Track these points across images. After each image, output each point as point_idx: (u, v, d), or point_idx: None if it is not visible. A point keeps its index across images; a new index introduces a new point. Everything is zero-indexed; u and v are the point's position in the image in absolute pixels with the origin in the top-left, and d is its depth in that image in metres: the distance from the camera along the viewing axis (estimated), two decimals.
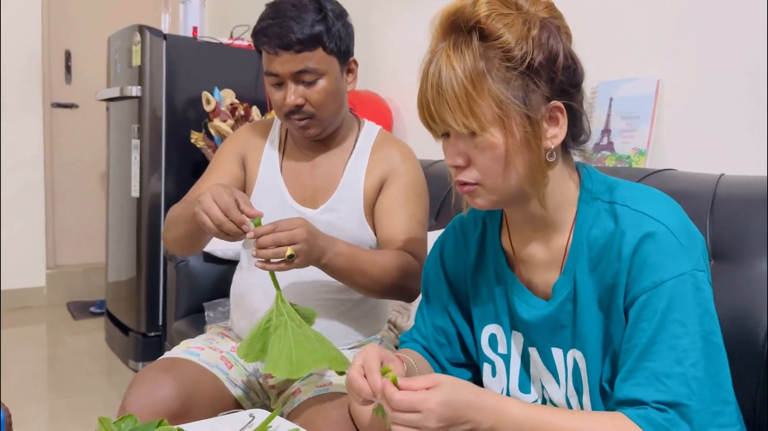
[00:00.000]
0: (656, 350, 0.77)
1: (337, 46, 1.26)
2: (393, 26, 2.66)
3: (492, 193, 0.84)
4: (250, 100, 2.68)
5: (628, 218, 0.82)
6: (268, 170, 1.38)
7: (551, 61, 0.80)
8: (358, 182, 1.34)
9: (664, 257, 0.78)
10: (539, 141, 0.81)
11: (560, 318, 0.88)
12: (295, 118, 1.28)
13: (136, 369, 2.74)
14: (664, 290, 0.77)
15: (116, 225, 2.99)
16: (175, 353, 1.27)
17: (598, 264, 0.84)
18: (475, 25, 0.80)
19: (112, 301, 3.07)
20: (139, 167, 2.70)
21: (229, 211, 1.06)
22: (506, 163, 0.81)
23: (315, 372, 1.28)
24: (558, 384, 0.91)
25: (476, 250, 1.00)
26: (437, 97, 0.81)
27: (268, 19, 1.24)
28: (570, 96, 0.83)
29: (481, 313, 1.00)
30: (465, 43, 0.80)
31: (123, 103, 2.83)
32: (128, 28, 2.77)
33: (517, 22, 0.80)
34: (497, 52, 0.79)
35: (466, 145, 0.83)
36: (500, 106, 0.79)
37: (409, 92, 2.61)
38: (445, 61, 0.80)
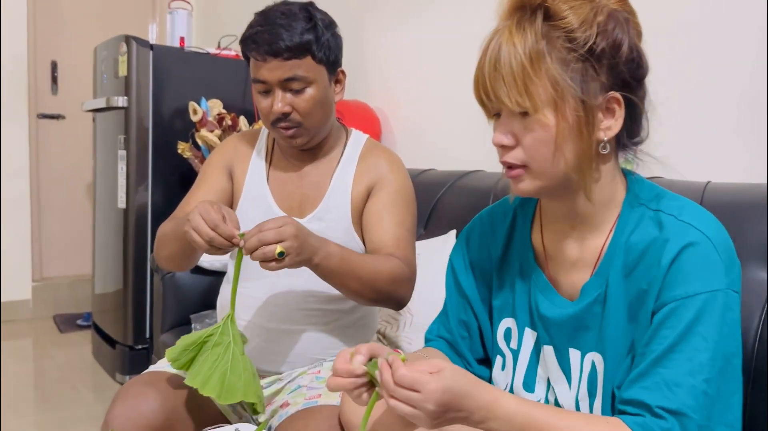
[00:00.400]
0: (673, 358, 0.77)
1: (325, 56, 1.26)
2: (382, 36, 2.66)
3: (538, 177, 0.83)
4: (238, 110, 2.68)
5: (673, 227, 0.81)
6: (255, 180, 1.37)
7: (614, 50, 0.79)
8: (346, 191, 1.33)
9: (702, 270, 0.78)
10: (592, 129, 0.80)
11: (586, 319, 0.87)
12: (282, 126, 1.27)
13: (123, 382, 2.71)
14: (694, 302, 0.77)
15: (103, 237, 2.96)
16: (159, 366, 1.26)
17: (633, 269, 0.83)
18: (541, 4, 0.79)
19: (99, 314, 3.03)
20: (125, 178, 2.68)
21: (217, 226, 1.05)
22: (555, 147, 0.80)
23: (304, 385, 1.27)
24: (569, 386, 0.90)
25: (503, 243, 1.00)
26: (493, 73, 0.80)
27: (258, 26, 1.24)
28: (630, 89, 0.81)
29: (501, 305, 0.99)
30: (528, 22, 0.79)
31: (109, 113, 2.81)
32: (114, 38, 2.76)
33: (585, 7, 0.79)
34: (560, 32, 0.78)
35: (515, 125, 0.82)
36: (556, 87, 0.78)
37: (397, 102, 2.62)
38: (507, 38, 0.80)
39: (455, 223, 1.88)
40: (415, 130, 2.54)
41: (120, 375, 2.74)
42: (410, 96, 2.56)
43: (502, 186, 1.83)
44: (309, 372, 1.31)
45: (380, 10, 2.66)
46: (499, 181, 1.85)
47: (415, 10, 2.49)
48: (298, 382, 1.29)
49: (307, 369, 1.32)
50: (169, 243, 1.26)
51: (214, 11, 3.80)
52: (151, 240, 2.70)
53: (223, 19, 3.61)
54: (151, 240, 2.70)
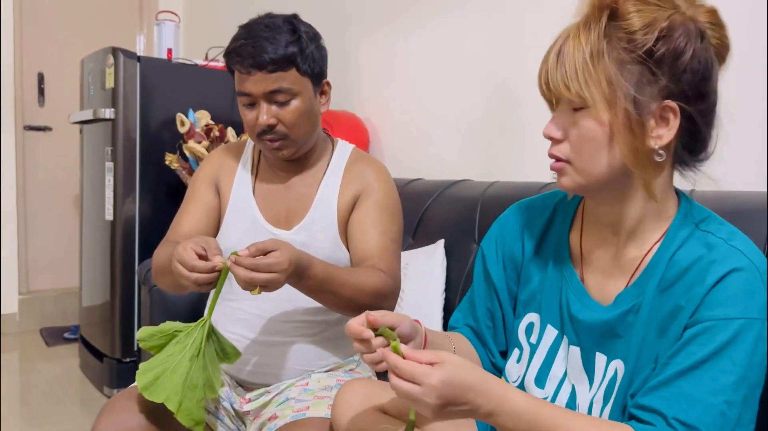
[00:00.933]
0: (698, 375, 0.77)
1: (310, 68, 1.27)
2: (370, 47, 2.67)
3: (580, 174, 0.84)
4: (226, 121, 2.67)
5: (722, 250, 0.81)
6: (241, 192, 1.37)
7: (675, 57, 0.79)
8: (332, 201, 1.33)
9: (745, 296, 0.78)
10: (643, 133, 0.80)
11: (617, 327, 0.87)
12: (267, 138, 1.27)
13: (111, 395, 2.68)
14: (731, 325, 0.77)
15: (90, 249, 2.94)
16: None
17: (672, 284, 0.83)
18: (610, 4, 0.81)
19: (87, 326, 3.01)
20: (112, 190, 2.67)
21: (195, 267, 1.07)
22: (600, 146, 0.81)
23: (292, 397, 1.26)
24: (590, 387, 0.90)
25: (539, 237, 1.00)
26: (556, 63, 0.82)
27: (241, 39, 1.24)
28: (690, 101, 0.81)
29: (526, 299, 1.00)
30: (595, 20, 0.81)
31: (96, 125, 2.80)
32: (101, 50, 2.75)
33: (653, 11, 0.80)
34: (621, 33, 0.79)
35: (567, 120, 0.84)
36: (610, 84, 0.79)
37: (385, 112, 2.63)
38: (573, 35, 0.82)
39: (443, 233, 1.89)
40: (403, 139, 2.55)
41: (108, 389, 2.71)
42: (398, 106, 2.56)
43: (490, 195, 1.83)
44: (297, 385, 1.30)
45: (368, 21, 2.67)
46: (486, 190, 1.86)
47: (403, 22, 2.50)
48: (286, 394, 1.28)
49: (295, 381, 1.32)
50: (166, 275, 1.24)
51: (201, 23, 3.80)
52: (139, 252, 2.69)
53: (210, 30, 3.61)
54: (139, 252, 2.69)
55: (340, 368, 1.36)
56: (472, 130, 2.24)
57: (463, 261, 1.79)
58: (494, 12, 2.14)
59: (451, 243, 1.85)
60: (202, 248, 1.08)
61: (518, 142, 2.08)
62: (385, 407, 1.01)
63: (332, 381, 1.30)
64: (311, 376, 1.32)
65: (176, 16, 3.05)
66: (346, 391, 1.05)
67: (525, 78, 2.06)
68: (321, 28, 1.32)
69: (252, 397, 1.32)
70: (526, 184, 1.78)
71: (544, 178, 1.95)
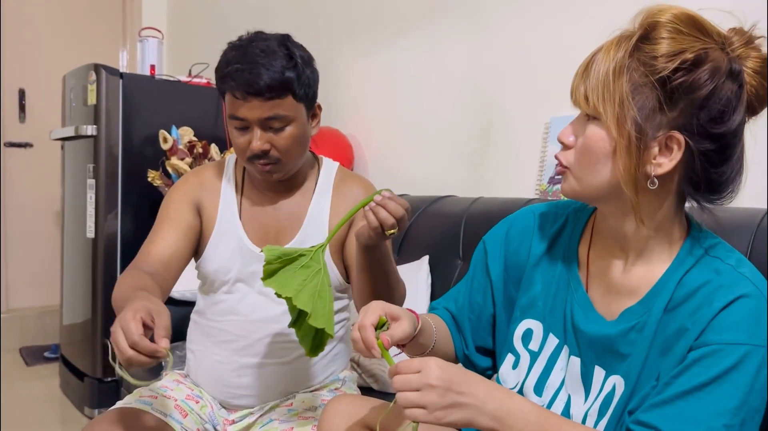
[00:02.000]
0: (700, 397, 0.77)
1: (305, 93, 1.25)
2: (354, 64, 2.68)
3: (576, 181, 0.86)
4: (209, 138, 2.66)
5: (731, 276, 0.82)
6: (226, 214, 1.34)
7: (689, 91, 0.78)
8: (323, 221, 1.33)
9: (752, 323, 0.78)
10: (641, 157, 0.80)
11: (619, 343, 0.88)
12: (260, 162, 1.25)
13: (91, 416, 2.64)
14: (737, 351, 0.78)
15: (71, 267, 2.90)
16: (126, 402, 1.22)
17: (678, 306, 0.84)
18: (649, 25, 0.81)
19: (67, 345, 2.96)
20: (94, 207, 2.64)
21: (136, 344, 0.92)
22: (599, 159, 0.83)
23: (276, 418, 1.25)
24: (585, 399, 0.91)
25: (547, 244, 1.00)
26: (583, 72, 0.84)
27: (236, 64, 1.20)
28: (696, 138, 0.79)
29: (526, 305, 1.00)
30: (627, 39, 0.82)
31: (78, 142, 2.77)
32: (83, 66, 2.73)
33: (687, 42, 0.79)
34: (645, 56, 0.80)
35: (580, 127, 0.85)
36: (621, 106, 0.80)
37: (370, 128, 2.63)
38: (605, 49, 0.83)
39: (428, 248, 1.88)
40: (388, 156, 2.55)
41: (89, 409, 2.66)
42: (382, 122, 2.57)
43: (474, 210, 1.83)
44: (281, 406, 1.29)
45: (353, 39, 2.68)
46: (470, 206, 1.86)
47: (387, 39, 2.51)
48: (270, 416, 1.26)
49: (279, 402, 1.30)
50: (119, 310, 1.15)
51: (185, 39, 3.79)
52: (121, 270, 2.65)
53: (193, 47, 3.60)
54: (121, 270, 2.65)
55: (325, 387, 1.35)
56: (456, 145, 2.24)
57: (447, 277, 1.79)
58: (476, 29, 2.16)
59: (436, 259, 1.84)
60: (151, 319, 0.95)
61: (502, 157, 2.09)
62: (371, 424, 1.00)
63: (317, 401, 1.28)
64: (295, 397, 1.30)
65: (159, 32, 3.05)
66: (332, 409, 1.04)
67: (508, 94, 2.09)
68: (305, 45, 1.31)
69: (236, 419, 1.31)
70: (511, 199, 1.79)
71: (528, 193, 1.96)
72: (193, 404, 1.29)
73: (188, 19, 3.83)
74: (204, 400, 1.31)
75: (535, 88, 1.94)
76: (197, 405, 1.29)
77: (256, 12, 3.20)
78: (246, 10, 3.29)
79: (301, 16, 2.92)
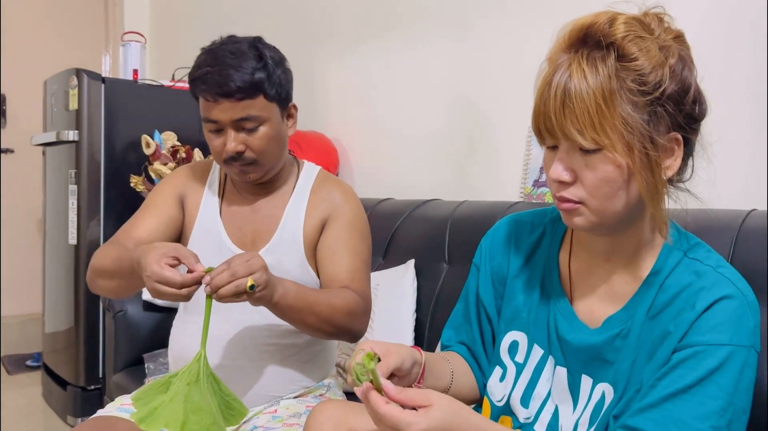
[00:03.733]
0: (686, 399, 0.78)
1: (277, 93, 1.25)
2: (339, 68, 2.67)
3: (595, 214, 0.82)
4: (193, 142, 2.64)
5: (712, 277, 0.82)
6: (207, 214, 1.35)
7: (683, 93, 0.79)
8: (298, 224, 1.32)
9: (734, 323, 0.79)
10: (660, 167, 0.80)
11: (604, 351, 0.87)
12: (236, 164, 1.26)
13: (74, 424, 2.60)
14: (720, 352, 0.78)
15: (53, 274, 2.87)
16: (107, 411, 1.21)
17: (661, 310, 0.84)
18: (612, 43, 0.78)
19: (50, 354, 2.92)
20: (76, 213, 2.61)
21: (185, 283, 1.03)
22: (619, 187, 0.79)
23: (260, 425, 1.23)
24: (573, 409, 0.90)
25: (526, 254, 0.99)
26: (562, 108, 0.78)
27: (206, 67, 1.21)
28: (690, 130, 0.82)
29: (509, 317, 0.99)
30: (600, 58, 0.77)
31: (60, 147, 2.75)
32: (65, 71, 2.71)
33: (653, 48, 0.78)
34: (631, 74, 0.77)
35: (576, 162, 0.80)
36: (627, 127, 0.76)
37: (354, 132, 2.62)
38: (577, 73, 0.77)
39: (414, 252, 1.88)
40: (373, 160, 2.55)
41: (72, 418, 2.63)
42: (367, 126, 2.57)
43: (459, 214, 1.83)
44: (265, 412, 1.27)
45: (337, 43, 2.68)
46: (455, 210, 1.86)
47: (371, 43, 2.51)
48: (253, 423, 1.25)
49: (263, 408, 1.29)
50: (112, 277, 1.21)
51: (168, 43, 3.77)
52: None
53: (177, 51, 3.58)
54: None
55: (310, 393, 1.34)
56: (441, 149, 2.24)
57: (433, 281, 1.78)
58: (459, 34, 2.16)
59: (422, 263, 1.84)
60: (173, 259, 1.04)
61: (486, 160, 2.10)
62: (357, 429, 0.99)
63: (302, 408, 1.27)
64: (280, 403, 1.29)
65: (142, 36, 3.02)
66: (318, 415, 1.02)
67: (491, 98, 2.09)
68: (289, 49, 1.31)
69: None
70: (495, 203, 1.79)
71: (513, 197, 1.97)
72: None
73: (171, 23, 3.81)
74: None
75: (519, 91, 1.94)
76: None
77: (239, 17, 3.19)
78: (229, 15, 3.27)
79: (285, 21, 2.92)
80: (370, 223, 1.41)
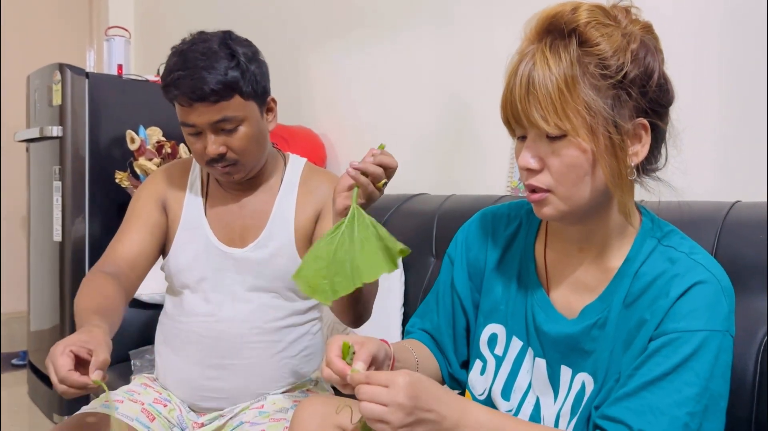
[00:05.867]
0: (662, 386, 0.78)
1: (253, 90, 1.23)
2: (326, 62, 2.66)
3: (563, 201, 0.82)
4: (178, 138, 2.61)
5: (685, 264, 0.82)
6: (192, 212, 1.33)
7: (646, 77, 0.80)
8: (289, 218, 1.31)
9: (708, 309, 0.79)
10: (624, 153, 0.80)
11: (582, 341, 0.88)
12: (219, 165, 1.24)
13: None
14: (695, 338, 0.78)
15: (38, 272, 2.84)
16: (92, 407, 1.21)
17: (636, 299, 0.84)
18: (574, 29, 0.79)
19: (35, 352, 2.90)
20: (61, 210, 2.59)
21: (64, 379, 0.94)
22: (584, 172, 0.80)
23: (247, 421, 1.23)
24: (554, 400, 0.90)
25: (503, 247, 0.99)
26: (526, 96, 0.79)
27: (178, 71, 1.18)
28: (657, 116, 0.82)
29: (488, 310, 0.99)
30: (563, 46, 0.79)
31: (43, 143, 2.72)
32: (48, 66, 2.68)
33: (616, 33, 0.79)
34: (593, 59, 0.78)
35: (542, 149, 0.81)
36: (590, 111, 0.78)
37: (341, 127, 2.61)
38: (540, 61, 0.79)
39: None
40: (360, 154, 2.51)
41: (58, 416, 2.61)
42: (354, 122, 2.56)
43: (447, 208, 1.83)
44: (252, 407, 1.27)
45: (323, 37, 2.67)
46: (442, 204, 1.86)
47: (357, 37, 2.50)
48: (240, 418, 1.25)
49: (249, 404, 1.28)
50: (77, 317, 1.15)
51: (152, 38, 3.74)
52: None
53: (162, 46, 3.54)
54: None
55: (297, 389, 1.34)
56: (427, 144, 2.24)
57: (421, 275, 1.78)
58: (444, 28, 2.16)
59: (409, 257, 1.84)
60: (87, 352, 0.96)
61: (473, 155, 2.10)
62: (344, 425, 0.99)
63: (288, 403, 1.27)
64: (266, 398, 1.29)
65: (127, 31, 3.00)
66: (304, 410, 1.02)
67: (476, 92, 2.09)
68: (274, 43, 1.30)
69: (205, 421, 1.29)
70: (482, 196, 1.79)
71: (499, 190, 1.97)
72: (161, 407, 1.26)
73: (156, 18, 3.78)
74: (172, 403, 1.29)
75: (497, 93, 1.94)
76: (165, 409, 1.27)
77: (224, 11, 3.17)
78: (214, 9, 3.25)
79: (271, 15, 2.90)
80: None
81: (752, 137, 1.41)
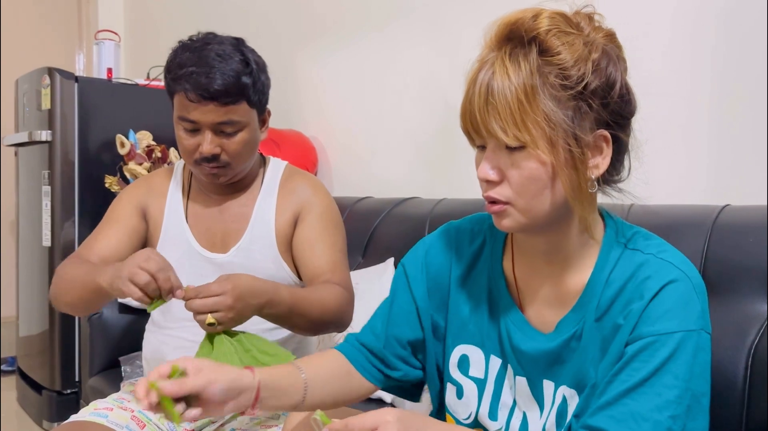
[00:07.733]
0: (642, 392, 0.77)
1: (259, 99, 1.25)
2: (316, 66, 2.66)
3: (523, 214, 0.80)
4: (168, 142, 2.61)
5: (654, 265, 0.81)
6: (173, 218, 1.33)
7: (607, 88, 0.78)
8: (269, 220, 1.32)
9: (681, 308, 0.78)
10: (585, 165, 0.78)
11: (562, 354, 0.86)
12: (208, 165, 1.24)
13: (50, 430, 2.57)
14: (670, 340, 0.77)
15: (27, 277, 2.83)
16: (81, 416, 1.19)
17: (610, 306, 0.83)
18: (534, 37, 0.77)
19: (24, 358, 2.89)
20: (50, 215, 2.57)
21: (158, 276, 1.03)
22: (544, 185, 0.78)
23: (238, 428, 1.22)
24: (540, 414, 0.89)
25: (467, 264, 0.96)
26: (485, 106, 0.77)
27: (191, 66, 1.18)
28: (619, 127, 0.80)
29: (456, 331, 0.95)
30: (523, 55, 0.77)
31: (32, 148, 2.71)
32: (37, 70, 2.67)
33: (578, 42, 0.77)
34: (553, 68, 0.76)
35: (502, 160, 0.79)
36: (549, 122, 0.75)
37: (333, 131, 2.61)
38: (500, 70, 0.77)
39: (393, 251, 1.88)
40: (351, 158, 2.54)
41: (47, 423, 2.60)
42: (346, 125, 2.56)
43: (438, 212, 1.83)
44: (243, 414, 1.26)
45: (315, 41, 2.67)
46: (434, 208, 1.86)
47: (348, 41, 2.50)
48: (231, 425, 1.24)
49: None
50: (75, 290, 1.19)
51: (142, 42, 3.73)
52: None
53: (151, 49, 3.54)
54: None
55: None
56: (419, 147, 2.24)
57: None
58: (434, 31, 2.17)
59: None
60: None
61: (464, 159, 2.09)
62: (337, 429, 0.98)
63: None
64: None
65: (116, 35, 2.98)
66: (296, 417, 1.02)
67: None
68: (266, 46, 1.30)
69: (195, 428, 1.28)
70: (474, 200, 1.79)
71: None
72: (151, 414, 1.25)
73: (146, 21, 3.77)
74: None
75: None
76: (155, 416, 1.26)
77: (214, 15, 3.17)
78: (204, 13, 3.25)
79: (260, 18, 2.90)
80: (349, 222, 1.41)
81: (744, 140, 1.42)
